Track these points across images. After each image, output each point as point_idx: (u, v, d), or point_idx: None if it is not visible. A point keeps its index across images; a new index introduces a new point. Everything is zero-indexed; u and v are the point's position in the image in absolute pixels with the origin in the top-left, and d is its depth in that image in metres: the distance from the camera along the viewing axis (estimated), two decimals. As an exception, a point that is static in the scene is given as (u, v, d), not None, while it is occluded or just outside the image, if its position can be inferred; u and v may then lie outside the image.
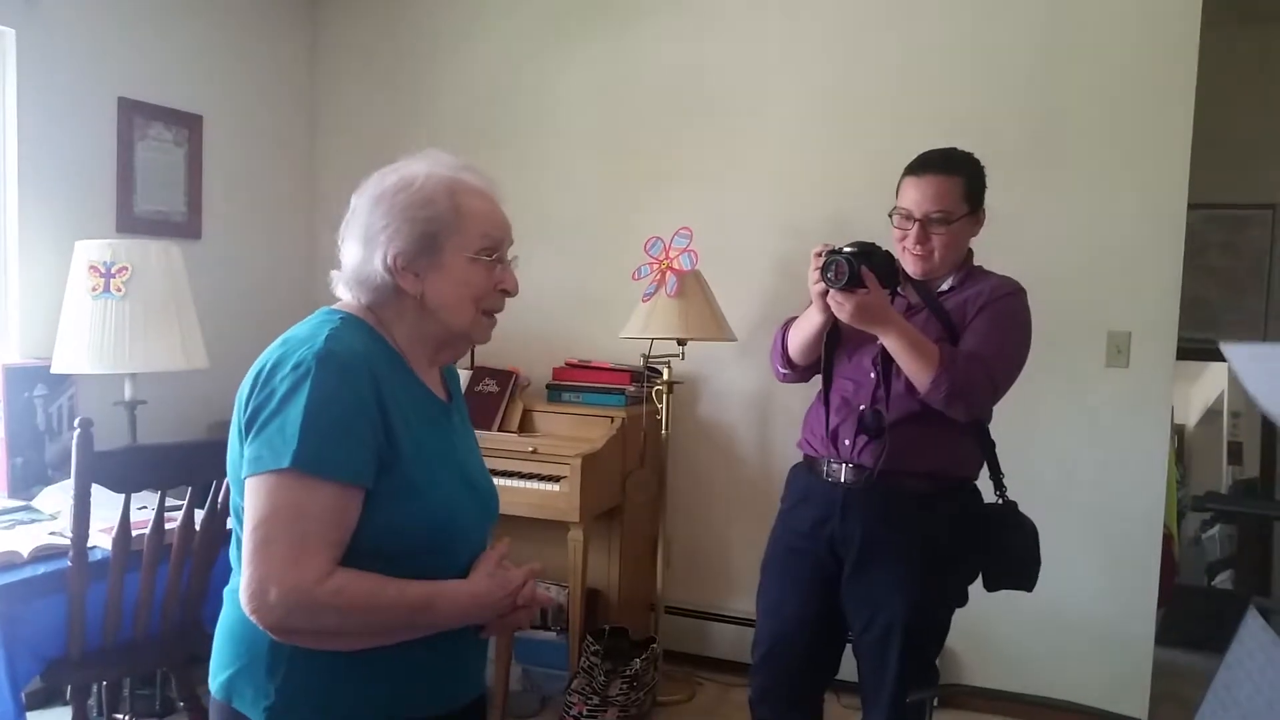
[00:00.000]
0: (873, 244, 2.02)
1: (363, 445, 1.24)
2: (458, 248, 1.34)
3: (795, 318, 2.25)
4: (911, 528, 2.10)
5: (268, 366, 1.27)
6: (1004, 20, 3.36)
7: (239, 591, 1.22)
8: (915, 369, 2.01)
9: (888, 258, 2.04)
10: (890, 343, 2.02)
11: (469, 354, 3.67)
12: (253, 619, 1.21)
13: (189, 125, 3.76)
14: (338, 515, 1.22)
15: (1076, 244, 3.29)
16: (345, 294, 1.39)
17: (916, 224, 2.14)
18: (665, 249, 3.40)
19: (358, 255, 1.35)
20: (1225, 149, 3.70)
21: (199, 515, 2.39)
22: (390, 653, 1.28)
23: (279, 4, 4.20)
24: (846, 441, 2.15)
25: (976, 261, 2.25)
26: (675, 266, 3.37)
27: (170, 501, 2.37)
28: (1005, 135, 3.28)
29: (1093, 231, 3.28)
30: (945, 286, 2.19)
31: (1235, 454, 4.35)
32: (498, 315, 1.44)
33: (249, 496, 1.23)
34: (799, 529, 2.23)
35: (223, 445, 1.33)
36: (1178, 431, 4.08)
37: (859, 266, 1.95)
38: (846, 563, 2.15)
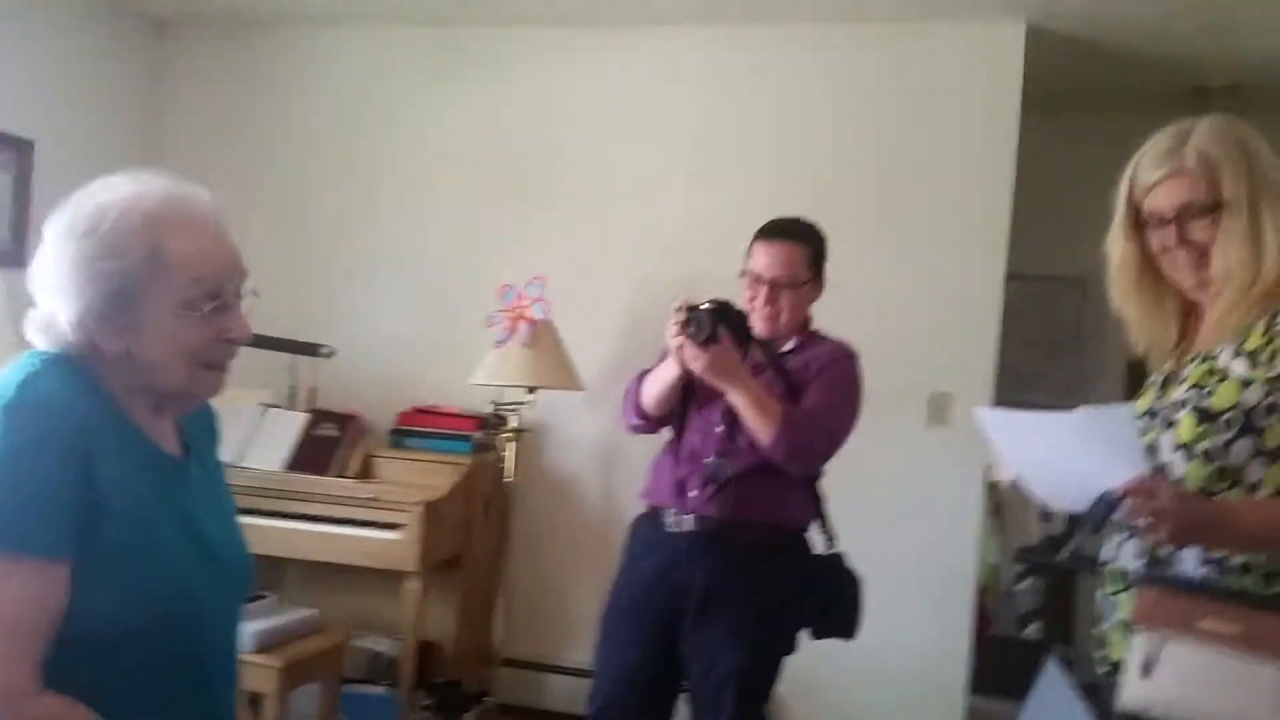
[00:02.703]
0: (728, 302, 2.12)
1: (61, 508, 1.05)
2: (161, 300, 1.13)
3: (648, 370, 2.30)
4: (751, 577, 2.17)
5: None
6: (848, 96, 3.56)
7: None
8: (759, 426, 2.10)
9: (742, 317, 2.14)
10: (737, 400, 2.10)
11: (307, 395, 3.56)
12: None
13: (18, 150, 3.54)
14: (40, 601, 1.03)
15: (904, 309, 3.47)
16: (40, 341, 1.17)
17: (766, 286, 2.24)
18: (519, 296, 3.41)
19: (46, 303, 1.15)
20: (1042, 225, 4.01)
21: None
22: None
23: (123, 30, 3.97)
24: (692, 492, 2.20)
25: (814, 325, 2.37)
26: (528, 315, 3.38)
27: None
28: (842, 204, 3.42)
29: (919, 298, 3.48)
30: (788, 347, 2.29)
31: (1045, 510, 4.66)
32: (230, 363, 1.23)
33: None
34: (642, 581, 2.25)
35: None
36: (994, 488, 4.33)
37: (718, 324, 2.03)
38: (689, 612, 2.18)
